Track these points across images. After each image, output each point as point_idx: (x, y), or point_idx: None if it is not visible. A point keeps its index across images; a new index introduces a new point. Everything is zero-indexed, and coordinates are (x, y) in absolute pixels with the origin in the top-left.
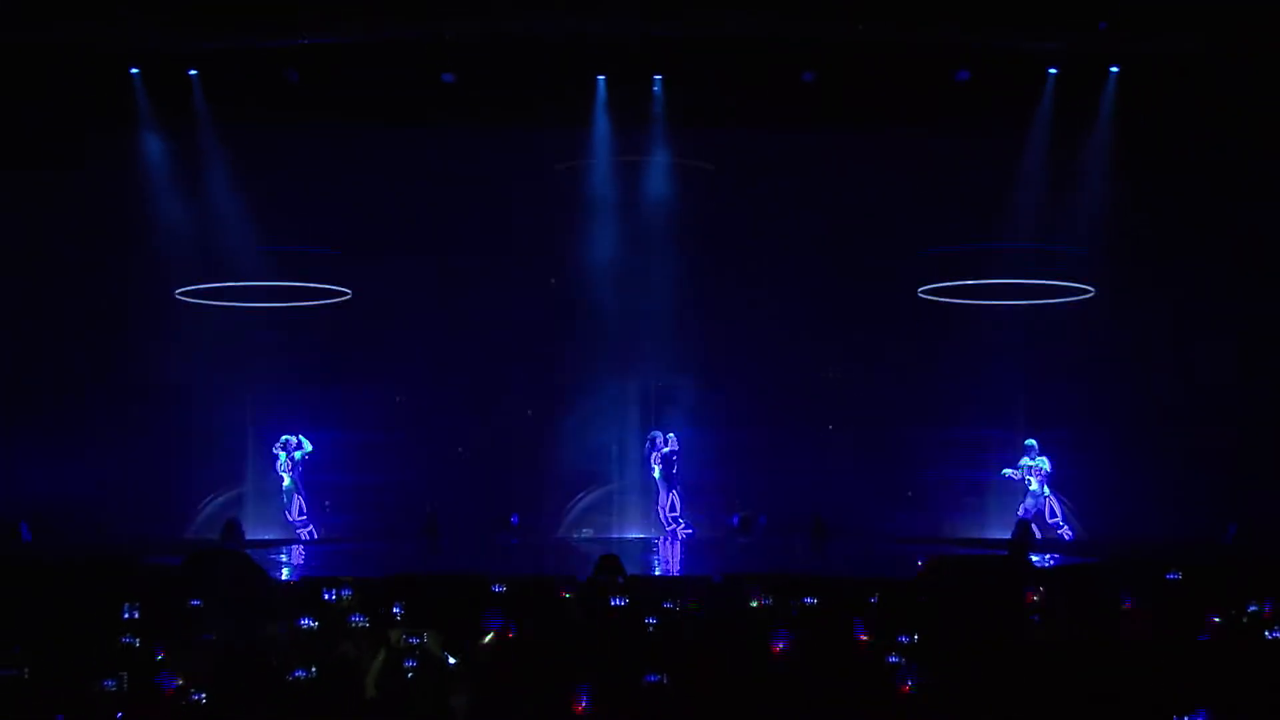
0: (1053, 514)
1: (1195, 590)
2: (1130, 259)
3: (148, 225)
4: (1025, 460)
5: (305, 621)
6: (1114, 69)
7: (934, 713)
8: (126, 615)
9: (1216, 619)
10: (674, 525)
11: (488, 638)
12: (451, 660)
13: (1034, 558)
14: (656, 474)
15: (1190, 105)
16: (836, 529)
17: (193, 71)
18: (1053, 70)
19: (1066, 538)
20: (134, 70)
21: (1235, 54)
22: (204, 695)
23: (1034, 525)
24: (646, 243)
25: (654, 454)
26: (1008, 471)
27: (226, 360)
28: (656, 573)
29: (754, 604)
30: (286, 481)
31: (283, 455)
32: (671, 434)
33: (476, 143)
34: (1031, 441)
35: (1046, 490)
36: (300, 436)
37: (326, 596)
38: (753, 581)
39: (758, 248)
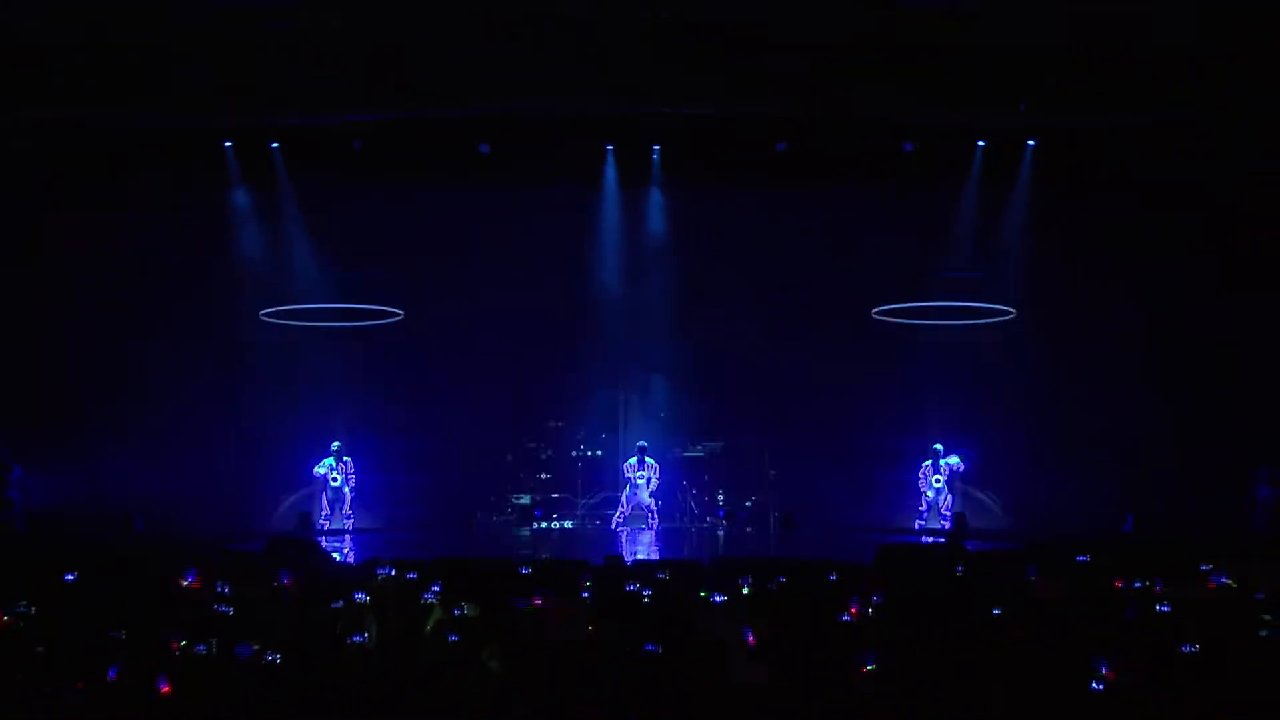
0: (950, 506)
1: (1101, 568)
2: (1043, 297)
3: (236, 264)
4: (929, 462)
5: (361, 596)
6: (1031, 142)
7: (894, 681)
8: (219, 590)
9: (1119, 585)
10: (620, 523)
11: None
12: (485, 629)
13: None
14: (638, 481)
15: (1094, 173)
16: (803, 520)
17: (274, 144)
18: (981, 143)
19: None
20: (227, 143)
21: (1131, 132)
22: (279, 657)
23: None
24: (647, 277)
25: (635, 475)
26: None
27: (300, 380)
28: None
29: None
30: (338, 481)
31: (331, 460)
32: (650, 459)
33: (507, 200)
34: (939, 446)
35: (944, 485)
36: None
37: (381, 572)
38: (736, 564)
39: (745, 288)
